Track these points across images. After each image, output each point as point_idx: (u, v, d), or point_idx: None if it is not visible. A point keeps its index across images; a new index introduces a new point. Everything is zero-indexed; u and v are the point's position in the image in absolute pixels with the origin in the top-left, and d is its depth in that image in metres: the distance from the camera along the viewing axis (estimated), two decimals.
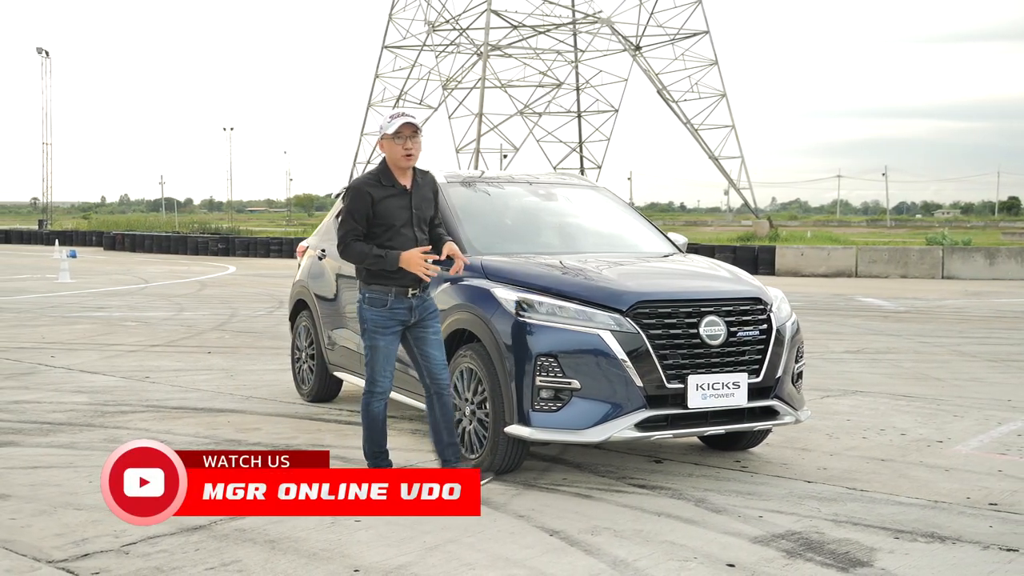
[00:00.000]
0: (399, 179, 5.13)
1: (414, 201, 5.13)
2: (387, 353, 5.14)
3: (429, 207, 5.20)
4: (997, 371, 9.62)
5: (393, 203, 5.09)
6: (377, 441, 5.24)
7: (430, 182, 5.27)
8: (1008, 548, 4.41)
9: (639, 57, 50.07)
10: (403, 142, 5.05)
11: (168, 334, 12.20)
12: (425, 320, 5.17)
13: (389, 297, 5.08)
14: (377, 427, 5.23)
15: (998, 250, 26.24)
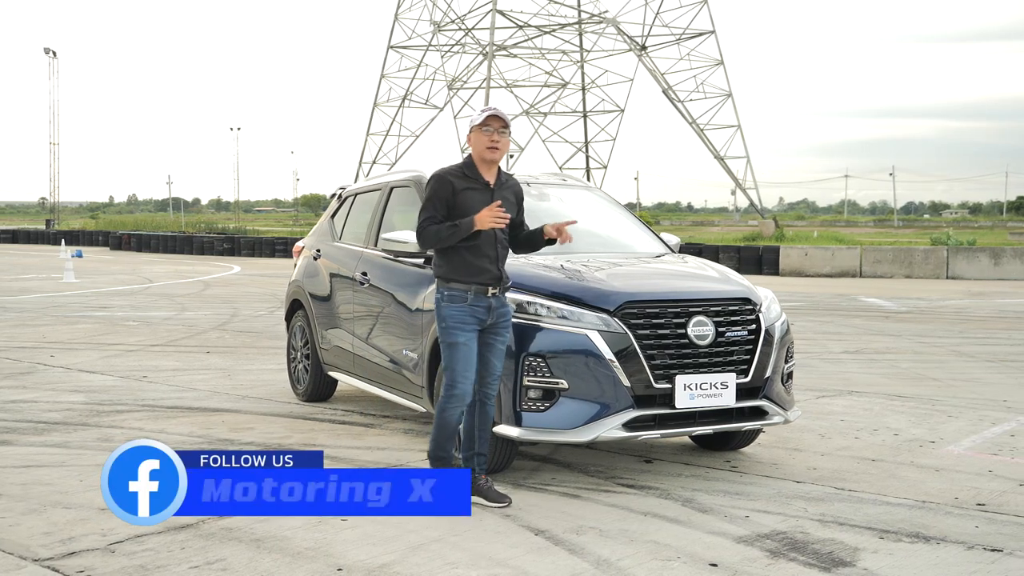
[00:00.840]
0: (483, 174, 5.03)
1: (495, 197, 5.00)
2: (467, 352, 4.91)
3: (511, 208, 5.06)
4: (995, 371, 9.61)
5: (474, 196, 4.98)
6: (443, 445, 5.01)
7: (514, 185, 5.16)
8: (992, 548, 4.41)
9: (645, 57, 50.02)
10: (490, 134, 4.96)
11: (168, 334, 12.24)
12: (498, 326, 5.00)
13: (469, 294, 4.93)
14: (447, 432, 4.99)
15: (1003, 250, 26.17)
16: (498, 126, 4.98)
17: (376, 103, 54.18)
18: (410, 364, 6.15)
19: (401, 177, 7.03)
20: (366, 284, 6.76)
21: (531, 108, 52.71)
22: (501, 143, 4.99)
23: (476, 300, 4.94)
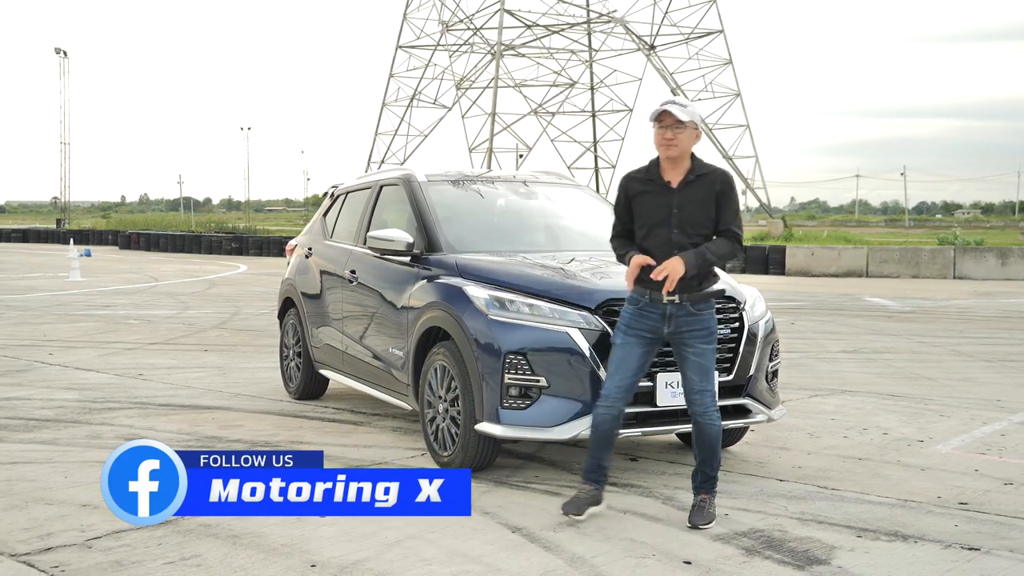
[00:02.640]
0: (664, 174, 4.70)
1: (677, 200, 4.65)
2: (621, 354, 4.69)
3: (700, 208, 4.64)
4: (992, 371, 9.57)
5: (650, 200, 4.70)
6: (592, 452, 4.78)
7: (711, 181, 4.67)
8: (970, 547, 4.39)
9: (653, 56, 49.98)
10: (663, 131, 4.62)
11: (168, 332, 12.28)
12: (685, 336, 4.65)
13: (644, 299, 4.68)
14: (594, 436, 4.78)
15: (1010, 250, 26.05)
16: (670, 122, 4.61)
17: (385, 103, 54.28)
18: (397, 362, 6.16)
19: (391, 175, 7.05)
20: (355, 282, 6.78)
21: (539, 108, 52.70)
22: (678, 139, 4.61)
23: (651, 306, 4.66)
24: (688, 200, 4.66)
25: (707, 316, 4.69)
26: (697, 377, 4.69)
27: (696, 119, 4.69)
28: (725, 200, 4.68)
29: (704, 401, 4.70)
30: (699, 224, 4.66)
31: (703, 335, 4.68)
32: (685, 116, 4.63)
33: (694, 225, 4.65)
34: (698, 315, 4.67)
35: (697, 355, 4.69)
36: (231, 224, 58.39)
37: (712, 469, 4.78)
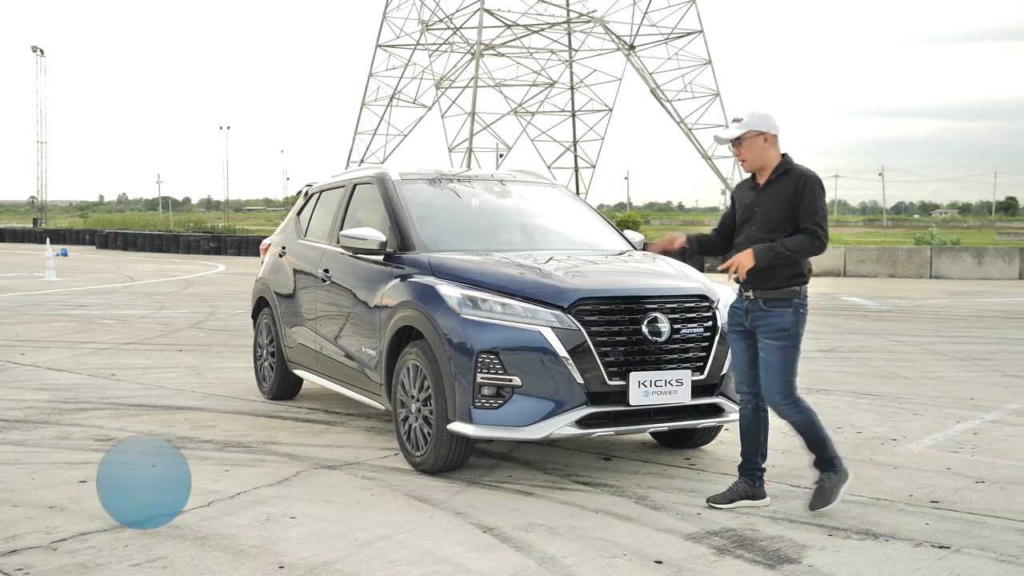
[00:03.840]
0: (758, 176, 4.98)
1: (760, 198, 4.92)
2: (732, 350, 5.11)
3: (777, 206, 4.84)
4: (966, 370, 9.61)
5: (743, 200, 5.03)
6: (743, 446, 5.08)
7: (790, 180, 4.84)
8: (940, 545, 4.40)
9: (633, 56, 50.03)
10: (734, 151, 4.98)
11: (143, 332, 12.18)
12: (759, 332, 4.89)
13: (737, 294, 5.07)
14: (741, 431, 5.08)
15: (986, 250, 26.23)
16: (729, 142, 4.96)
17: (364, 102, 54.07)
18: (370, 362, 6.12)
19: (364, 174, 7.01)
20: (328, 281, 6.73)
21: (519, 107, 52.66)
22: (742, 153, 4.93)
23: (737, 300, 5.04)
24: (768, 197, 4.89)
25: (777, 313, 4.85)
26: (764, 373, 4.90)
27: (755, 126, 4.89)
28: (801, 197, 4.82)
29: (772, 399, 4.90)
30: (777, 220, 4.85)
31: (769, 331, 4.86)
32: (737, 132, 4.89)
33: (770, 221, 4.86)
34: (769, 312, 4.86)
35: (764, 350, 4.89)
36: (210, 224, 58.10)
37: (819, 452, 4.96)
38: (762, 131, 4.88)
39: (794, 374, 4.91)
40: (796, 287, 4.85)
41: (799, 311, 4.86)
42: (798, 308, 4.86)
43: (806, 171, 4.90)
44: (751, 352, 4.99)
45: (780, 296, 4.84)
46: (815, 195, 4.82)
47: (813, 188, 4.83)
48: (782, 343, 4.84)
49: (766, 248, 4.77)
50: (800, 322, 4.87)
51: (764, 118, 4.91)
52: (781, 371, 4.86)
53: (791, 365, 4.88)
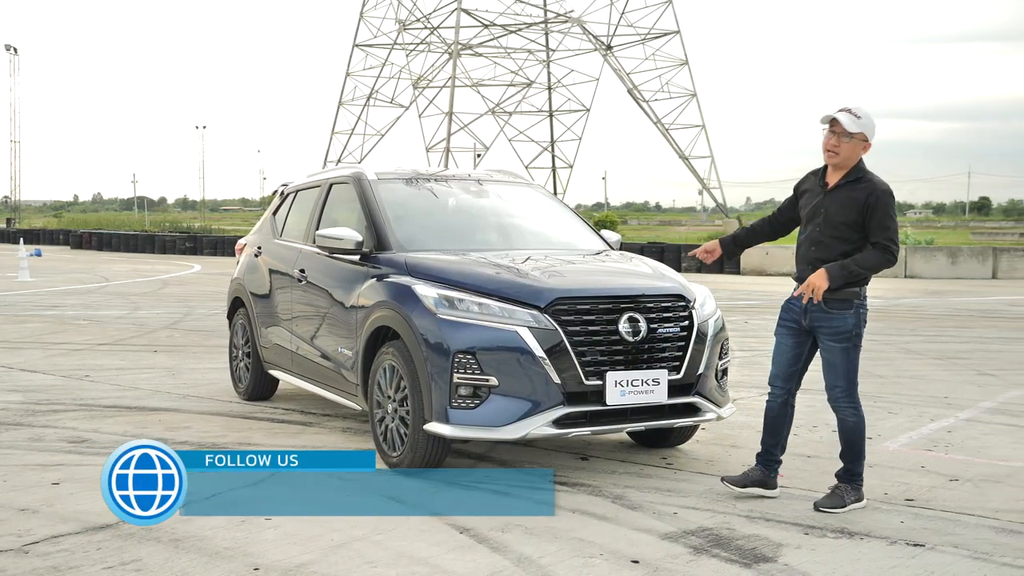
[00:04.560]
0: (828, 176, 4.98)
1: (827, 200, 4.91)
2: (776, 345, 5.14)
3: (843, 212, 4.84)
4: (940, 369, 9.68)
5: (810, 198, 5.03)
6: (764, 436, 5.20)
7: (862, 189, 4.83)
8: (915, 543, 4.42)
9: (610, 57, 50.14)
10: (830, 137, 4.88)
11: (117, 333, 12.09)
12: (820, 332, 4.96)
13: (793, 290, 5.04)
14: (766, 422, 5.21)
15: (960, 249, 26.45)
16: (839, 130, 4.85)
17: (341, 101, 53.97)
18: (346, 362, 6.10)
19: (340, 174, 6.99)
20: (304, 281, 6.70)
21: (497, 107, 52.67)
22: (841, 147, 4.85)
23: (795, 299, 5.02)
24: (835, 201, 4.89)
25: (838, 316, 4.90)
26: (829, 373, 4.98)
27: (867, 131, 4.90)
28: (872, 210, 4.82)
29: (833, 396, 5.00)
30: (841, 227, 4.87)
31: (830, 333, 4.92)
32: (855, 128, 4.85)
33: (836, 227, 4.88)
34: (829, 314, 4.91)
35: (826, 351, 4.96)
36: (186, 224, 57.81)
37: (850, 462, 5.02)
38: (868, 139, 4.93)
39: (856, 374, 5.01)
40: (856, 288, 4.89)
41: (859, 312, 4.94)
42: (858, 309, 4.94)
43: (879, 183, 4.89)
44: (798, 350, 5.08)
45: (841, 298, 4.89)
46: (888, 209, 4.85)
47: (886, 202, 4.85)
48: (844, 344, 4.92)
49: (839, 267, 4.81)
50: (861, 323, 4.96)
51: (874, 127, 4.96)
52: (845, 371, 4.95)
53: (854, 365, 4.98)
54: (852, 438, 5.02)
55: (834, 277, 4.81)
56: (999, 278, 24.93)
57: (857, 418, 5.00)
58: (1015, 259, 25.59)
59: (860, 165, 4.95)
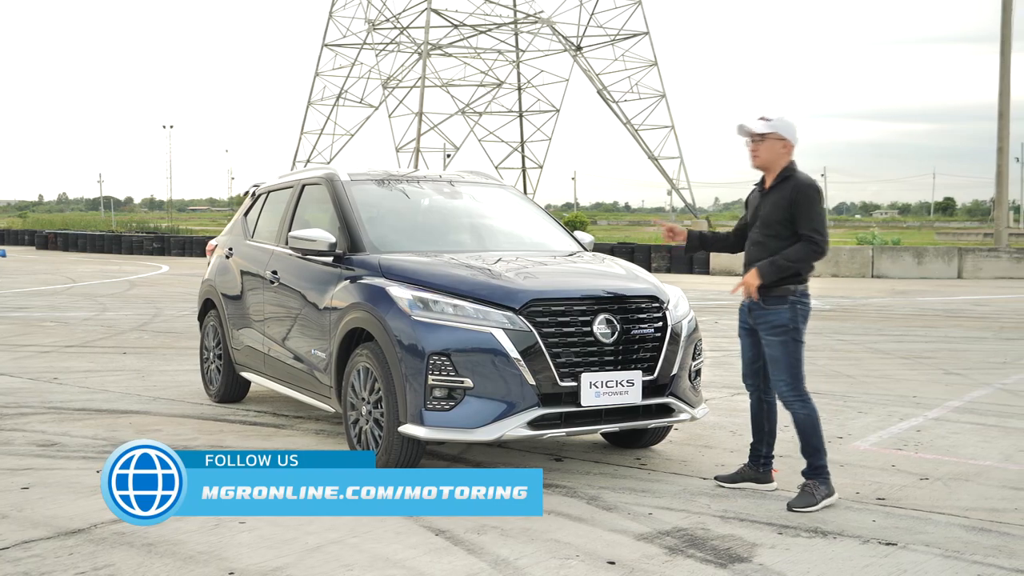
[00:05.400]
0: (765, 179, 5.20)
1: (763, 202, 5.16)
2: (741, 344, 5.36)
3: (776, 211, 5.06)
4: (908, 368, 9.78)
5: (752, 201, 5.30)
6: (752, 433, 5.41)
7: (790, 186, 5.04)
8: (887, 542, 4.47)
9: (580, 57, 50.25)
10: (747, 143, 5.18)
11: (85, 334, 11.97)
12: (759, 328, 5.17)
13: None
14: (750, 419, 5.44)
15: (926, 249, 26.72)
16: (747, 132, 5.15)
17: (310, 101, 53.74)
18: (319, 364, 6.07)
19: (313, 175, 6.95)
20: (276, 283, 6.67)
21: (467, 108, 52.63)
22: (759, 149, 5.12)
23: (744, 300, 5.24)
24: (768, 203, 5.12)
25: (774, 311, 5.09)
26: (770, 368, 5.16)
27: (780, 131, 5.11)
28: (798, 206, 5.02)
29: (780, 391, 5.14)
30: (775, 225, 5.08)
31: (768, 328, 5.11)
32: (763, 129, 5.11)
33: (771, 226, 5.09)
34: (766, 309, 5.10)
35: (767, 347, 5.14)
36: (153, 224, 57.37)
37: (810, 456, 5.11)
38: (784, 137, 5.12)
39: (800, 368, 5.13)
40: (791, 285, 5.07)
41: (796, 307, 5.10)
42: (795, 305, 5.09)
43: (803, 179, 5.11)
44: (756, 348, 5.28)
45: (776, 294, 5.08)
46: (811, 203, 5.04)
47: (809, 196, 5.06)
48: (782, 339, 5.09)
49: (768, 263, 5.04)
50: (799, 318, 5.11)
51: (789, 126, 5.18)
52: (785, 365, 5.10)
53: (794, 359, 5.10)
54: (807, 432, 5.11)
55: (765, 273, 5.03)
56: (964, 278, 25.21)
57: (807, 411, 5.11)
58: (980, 259, 25.89)
59: (789, 166, 5.14)
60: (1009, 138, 29.40)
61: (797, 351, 5.10)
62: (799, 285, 5.10)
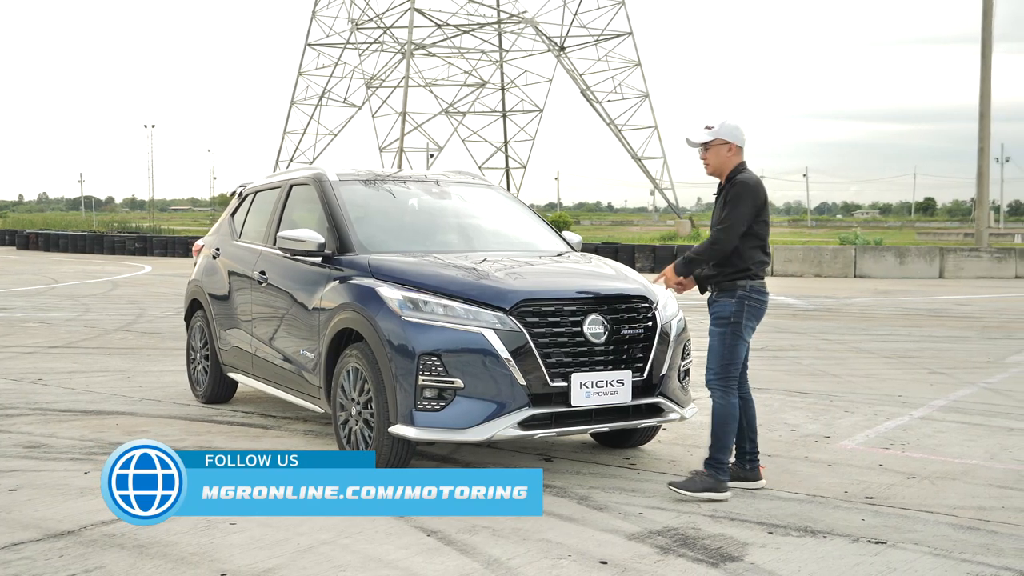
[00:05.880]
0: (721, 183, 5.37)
1: (716, 205, 5.34)
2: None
3: (720, 211, 5.25)
4: (892, 367, 9.84)
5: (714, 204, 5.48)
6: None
7: (732, 187, 5.22)
8: (877, 541, 4.49)
9: (563, 57, 50.29)
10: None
11: (69, 335, 11.91)
12: (710, 320, 5.31)
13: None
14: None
15: (908, 249, 26.88)
16: (692, 142, 5.34)
17: (293, 101, 53.61)
18: (308, 364, 6.06)
19: (301, 175, 6.94)
20: (264, 283, 6.65)
21: (450, 107, 52.60)
22: (707, 157, 5.32)
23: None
24: (719, 203, 5.31)
25: (721, 303, 5.24)
26: (711, 358, 5.25)
27: (723, 136, 5.27)
28: (729, 203, 5.19)
29: (707, 377, 5.27)
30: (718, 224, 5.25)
31: (713, 318, 5.28)
32: (704, 138, 5.29)
33: (715, 225, 5.25)
34: (717, 302, 5.28)
35: (710, 335, 5.28)
36: (135, 224, 57.09)
37: (711, 447, 5.20)
38: (728, 141, 5.26)
39: (731, 361, 5.20)
40: (741, 280, 5.18)
41: (743, 303, 5.19)
42: (742, 300, 5.19)
43: (743, 179, 5.24)
44: None
45: (726, 288, 5.23)
46: (736, 200, 5.18)
47: (738, 193, 5.19)
48: (722, 329, 5.22)
49: (681, 260, 5.31)
50: (743, 312, 5.20)
51: (733, 130, 5.29)
52: (718, 354, 5.21)
53: (728, 350, 5.19)
54: (716, 425, 5.22)
55: (678, 267, 5.33)
56: (946, 277, 25.37)
57: (722, 404, 5.22)
58: (961, 259, 26.06)
59: (737, 167, 5.29)
60: (990, 139, 29.58)
61: (734, 344, 5.20)
62: (750, 281, 5.21)
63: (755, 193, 5.19)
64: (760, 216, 5.23)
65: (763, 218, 5.26)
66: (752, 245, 5.22)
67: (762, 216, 5.25)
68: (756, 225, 5.22)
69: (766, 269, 5.31)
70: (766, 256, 5.31)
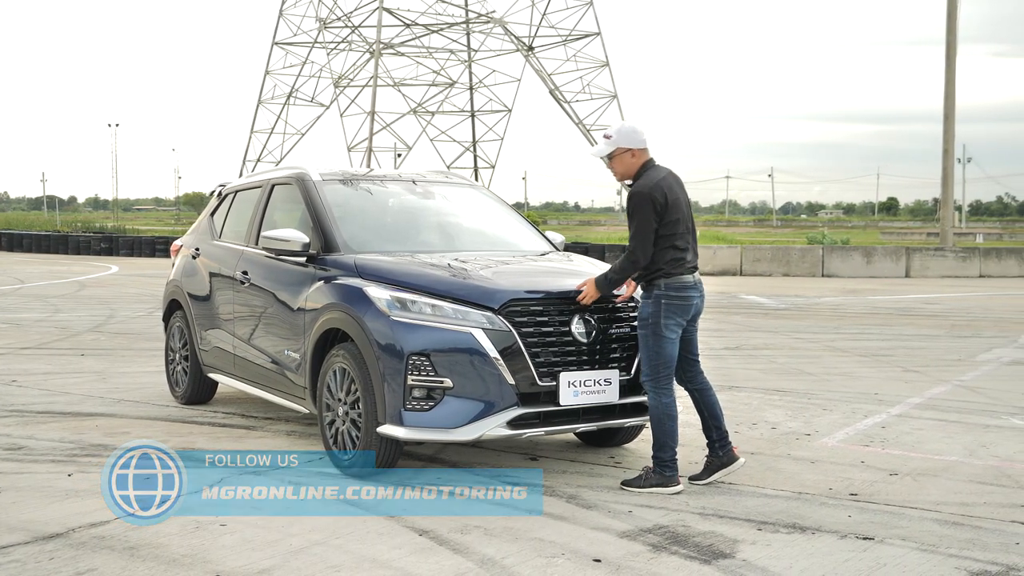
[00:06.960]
0: None
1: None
2: None
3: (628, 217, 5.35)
4: (866, 366, 9.95)
5: None
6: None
7: (629, 197, 5.28)
8: (864, 537, 4.55)
9: (532, 57, 50.31)
10: None
11: (40, 336, 11.77)
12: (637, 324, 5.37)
13: None
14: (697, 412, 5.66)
15: (874, 249, 27.19)
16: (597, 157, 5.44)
17: (261, 100, 53.22)
18: (292, 365, 6.04)
19: (283, 174, 6.90)
20: (247, 283, 6.61)
21: (419, 107, 52.47)
22: (612, 166, 5.43)
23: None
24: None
25: (642, 305, 5.33)
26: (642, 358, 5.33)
27: (620, 143, 5.37)
28: (628, 215, 5.26)
29: (642, 379, 5.33)
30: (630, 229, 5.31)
31: (638, 320, 5.35)
32: (606, 149, 5.38)
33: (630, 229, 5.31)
34: (639, 303, 5.41)
35: (638, 337, 5.35)
36: (99, 224, 56.46)
37: (653, 446, 5.31)
38: (629, 147, 5.35)
39: (659, 361, 5.26)
40: (657, 280, 5.25)
41: (660, 302, 5.26)
42: (659, 299, 5.26)
43: (635, 189, 5.28)
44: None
45: (645, 289, 5.33)
46: (634, 211, 5.25)
47: (633, 203, 5.25)
48: (643, 331, 5.29)
49: (602, 277, 5.31)
50: (661, 312, 5.25)
51: (630, 134, 5.37)
52: (646, 356, 5.28)
53: (653, 352, 5.26)
54: (654, 424, 5.31)
55: (600, 286, 5.31)
56: (912, 277, 25.68)
57: (655, 404, 5.29)
58: (927, 258, 26.39)
59: (644, 167, 5.39)
60: (954, 140, 29.97)
61: (658, 344, 5.24)
62: (664, 279, 5.25)
63: (650, 200, 5.20)
64: (665, 218, 5.23)
65: (669, 219, 5.24)
66: (662, 247, 5.25)
67: (667, 217, 5.23)
68: (662, 228, 5.23)
69: (685, 263, 5.28)
70: (680, 251, 5.27)
